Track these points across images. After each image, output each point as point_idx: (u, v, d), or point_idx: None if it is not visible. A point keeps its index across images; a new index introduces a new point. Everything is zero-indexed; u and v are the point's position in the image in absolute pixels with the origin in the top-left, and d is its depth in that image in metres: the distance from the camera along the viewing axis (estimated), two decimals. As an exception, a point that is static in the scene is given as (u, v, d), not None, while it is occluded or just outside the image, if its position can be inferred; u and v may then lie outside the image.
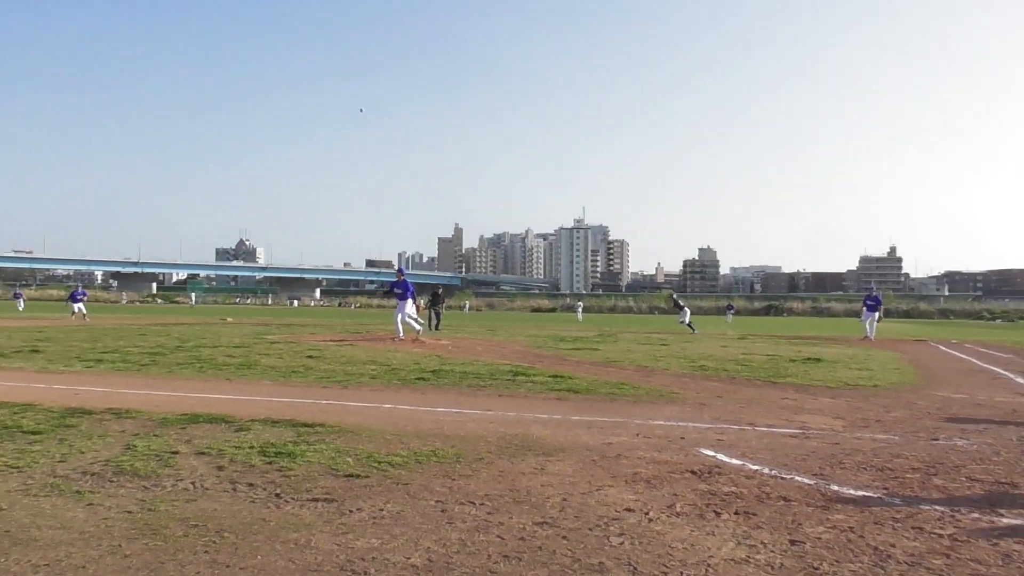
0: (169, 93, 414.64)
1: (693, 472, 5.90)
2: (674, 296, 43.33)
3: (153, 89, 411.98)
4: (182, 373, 12.41)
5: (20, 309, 54.68)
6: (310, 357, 15.31)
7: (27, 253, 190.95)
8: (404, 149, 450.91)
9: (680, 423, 8.13)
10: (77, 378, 11.58)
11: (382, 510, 4.74)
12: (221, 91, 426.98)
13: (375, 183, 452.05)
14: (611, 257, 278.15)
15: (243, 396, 9.69)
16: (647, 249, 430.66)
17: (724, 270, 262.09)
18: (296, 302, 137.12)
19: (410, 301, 21.44)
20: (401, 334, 20.77)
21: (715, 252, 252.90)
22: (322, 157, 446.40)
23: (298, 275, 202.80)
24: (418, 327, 21.22)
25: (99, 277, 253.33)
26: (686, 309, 36.49)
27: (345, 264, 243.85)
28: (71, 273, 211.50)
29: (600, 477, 5.75)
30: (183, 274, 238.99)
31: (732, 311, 72.16)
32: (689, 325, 35.59)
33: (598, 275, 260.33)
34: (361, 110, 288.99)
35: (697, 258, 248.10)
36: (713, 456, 6.49)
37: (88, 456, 6.10)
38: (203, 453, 6.21)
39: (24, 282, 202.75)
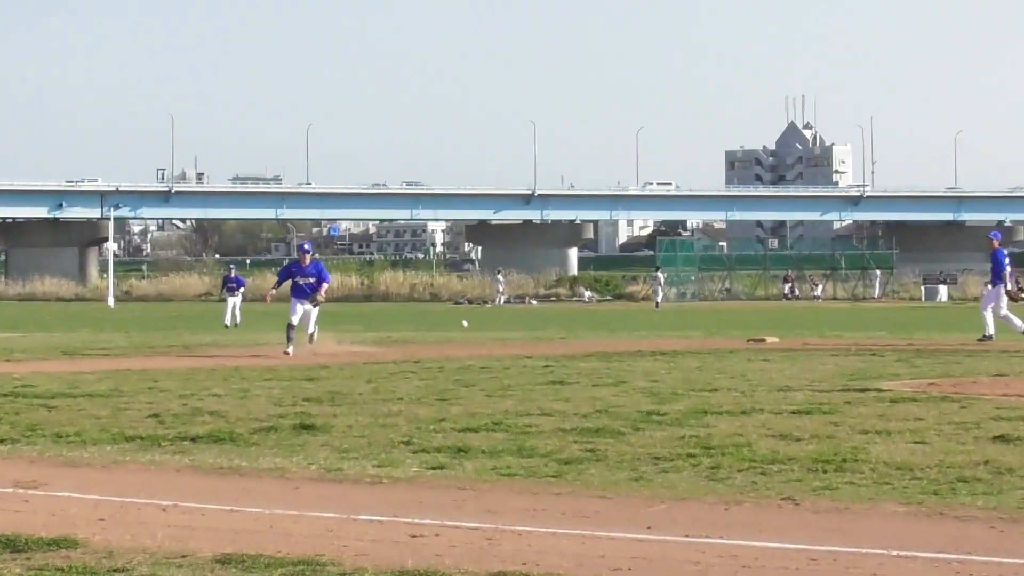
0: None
1: None
2: None
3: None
4: (669, 482, 10.16)
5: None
6: (1001, 439, 12.74)
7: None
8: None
9: None
10: (409, 493, 9.92)
11: None
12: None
13: None
14: None
15: (834, 545, 7.57)
16: None
17: None
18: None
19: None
20: None
21: None
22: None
23: (968, 213, 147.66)
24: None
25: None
26: None
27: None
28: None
29: None
30: (643, 223, 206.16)
31: None
32: None
33: None
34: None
35: None
36: None
37: None
38: None
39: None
